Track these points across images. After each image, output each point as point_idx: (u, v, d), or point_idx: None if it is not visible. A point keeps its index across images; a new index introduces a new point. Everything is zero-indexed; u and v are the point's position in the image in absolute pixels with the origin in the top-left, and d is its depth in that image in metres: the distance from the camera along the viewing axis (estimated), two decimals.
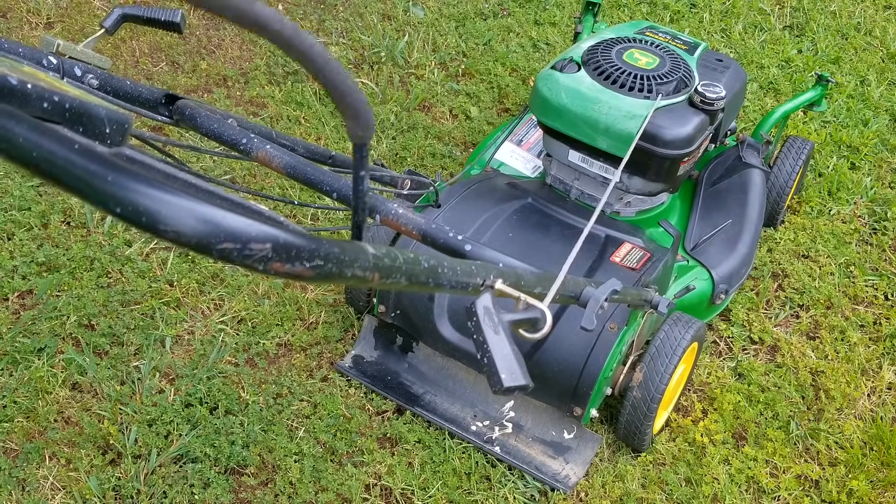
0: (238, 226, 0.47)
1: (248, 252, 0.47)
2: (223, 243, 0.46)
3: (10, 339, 2.29)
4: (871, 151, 3.21)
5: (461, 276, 0.82)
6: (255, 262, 0.48)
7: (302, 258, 0.51)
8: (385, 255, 0.63)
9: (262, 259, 0.48)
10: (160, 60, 3.41)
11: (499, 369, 0.77)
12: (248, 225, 0.47)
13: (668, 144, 2.15)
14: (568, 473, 2.10)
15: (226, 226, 0.46)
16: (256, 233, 0.48)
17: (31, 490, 2.00)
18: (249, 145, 1.39)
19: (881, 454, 2.22)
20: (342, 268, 0.56)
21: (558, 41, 3.66)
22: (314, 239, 0.52)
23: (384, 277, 0.63)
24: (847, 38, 3.84)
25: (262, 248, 0.48)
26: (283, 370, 2.31)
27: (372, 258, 0.60)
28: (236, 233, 0.47)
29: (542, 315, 0.88)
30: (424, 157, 3.04)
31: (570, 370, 1.99)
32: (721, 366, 2.42)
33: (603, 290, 1.29)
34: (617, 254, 2.23)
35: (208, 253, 0.46)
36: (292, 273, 0.51)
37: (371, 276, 0.61)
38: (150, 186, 0.44)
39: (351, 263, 0.57)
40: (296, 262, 0.51)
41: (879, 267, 2.76)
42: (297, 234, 0.51)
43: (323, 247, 0.53)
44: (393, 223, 1.37)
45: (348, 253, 0.56)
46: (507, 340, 0.79)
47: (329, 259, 0.54)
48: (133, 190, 0.44)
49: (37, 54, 1.22)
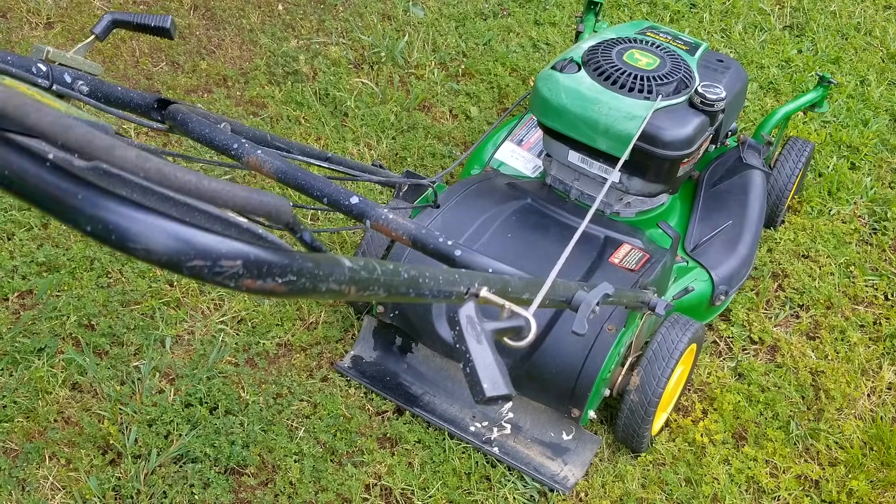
0: (208, 243, 0.46)
1: (219, 269, 0.47)
2: (193, 261, 0.46)
3: (10, 339, 2.30)
4: (871, 151, 3.21)
5: (443, 286, 0.81)
6: (225, 280, 0.47)
7: (273, 274, 0.51)
8: (362, 268, 0.62)
9: (233, 276, 0.48)
10: (160, 60, 3.41)
11: (481, 379, 0.77)
12: (219, 242, 0.47)
13: (667, 145, 2.15)
14: (566, 474, 2.10)
15: (195, 243, 0.46)
16: (227, 249, 0.47)
17: (31, 490, 2.00)
18: (240, 150, 1.39)
19: (881, 454, 2.22)
20: (316, 282, 0.55)
21: (558, 41, 3.66)
22: (287, 254, 0.52)
23: (361, 290, 0.62)
24: (847, 38, 3.84)
25: (233, 264, 0.47)
26: (283, 370, 2.31)
27: (348, 271, 0.60)
28: (206, 250, 0.46)
29: (526, 323, 0.87)
30: (424, 157, 3.04)
31: (568, 372, 1.99)
32: (721, 366, 2.42)
33: (595, 294, 1.28)
34: (616, 255, 2.23)
35: (178, 270, 0.46)
36: (264, 289, 0.50)
37: (347, 289, 0.60)
38: (120, 204, 0.44)
39: (325, 278, 0.56)
40: (267, 279, 0.50)
41: (879, 267, 2.76)
42: (270, 248, 0.50)
43: (296, 262, 0.52)
44: (383, 228, 1.37)
45: (323, 267, 0.56)
46: (490, 349, 0.79)
47: (302, 274, 0.53)
48: (103, 207, 0.44)
49: (26, 62, 1.21)
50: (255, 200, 0.47)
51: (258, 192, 0.47)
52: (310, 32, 3.63)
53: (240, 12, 3.71)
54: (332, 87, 3.29)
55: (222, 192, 0.45)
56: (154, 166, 0.43)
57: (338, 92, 3.27)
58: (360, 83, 3.35)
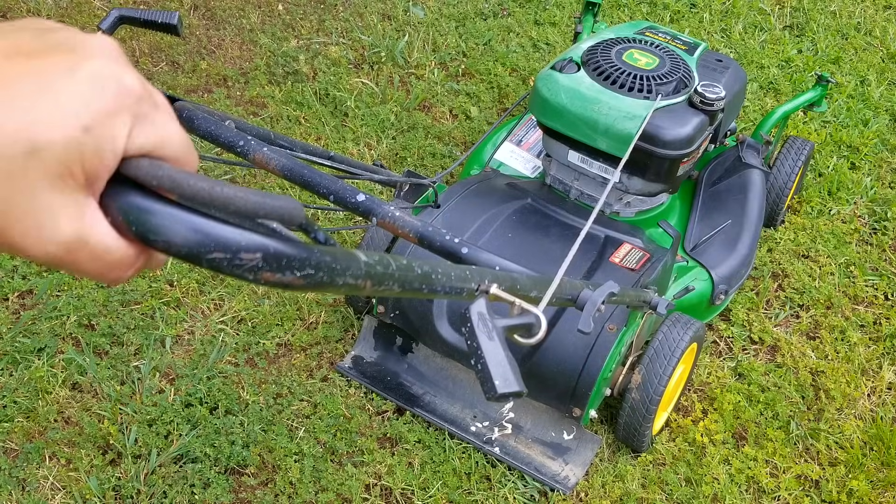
0: (228, 235, 0.46)
1: (238, 262, 0.47)
2: (213, 253, 0.46)
3: (10, 339, 2.30)
4: (871, 151, 3.21)
5: (455, 282, 0.81)
6: (245, 272, 0.48)
7: (292, 267, 0.51)
8: (377, 263, 0.62)
9: (253, 269, 0.48)
10: (160, 60, 3.41)
11: (493, 376, 0.77)
12: (239, 234, 0.47)
13: (667, 145, 2.15)
14: (567, 474, 2.10)
15: (215, 235, 0.46)
16: (247, 242, 0.47)
17: (31, 490, 2.00)
18: (247, 147, 1.39)
19: (881, 454, 2.22)
20: (333, 276, 0.55)
21: (558, 41, 3.66)
22: (305, 248, 0.52)
23: (377, 285, 0.63)
24: (847, 38, 3.84)
25: (253, 257, 0.48)
26: (283, 370, 2.31)
27: (364, 266, 0.60)
28: (226, 243, 0.46)
29: (536, 320, 0.87)
30: (424, 157, 3.04)
31: (569, 371, 1.99)
32: (721, 366, 2.42)
33: (600, 292, 1.28)
34: (616, 254, 2.23)
35: (198, 262, 0.46)
36: (283, 282, 0.50)
37: (363, 283, 0.60)
38: (140, 196, 0.44)
39: (343, 272, 0.57)
40: (286, 272, 0.50)
41: (879, 267, 2.76)
42: (288, 242, 0.50)
43: (314, 256, 0.53)
44: (389, 226, 1.37)
45: (340, 261, 0.56)
46: (502, 346, 0.79)
47: (320, 268, 0.53)
48: (122, 200, 0.45)
49: None
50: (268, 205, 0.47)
51: (270, 196, 0.48)
52: (310, 32, 3.63)
53: (240, 12, 3.71)
54: (332, 87, 3.29)
55: (235, 198, 0.45)
56: (166, 174, 0.44)
57: (338, 92, 3.27)
58: (360, 83, 3.35)
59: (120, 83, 0.42)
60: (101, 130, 0.41)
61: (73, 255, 0.43)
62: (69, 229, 0.42)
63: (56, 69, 0.41)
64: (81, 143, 0.41)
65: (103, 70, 0.42)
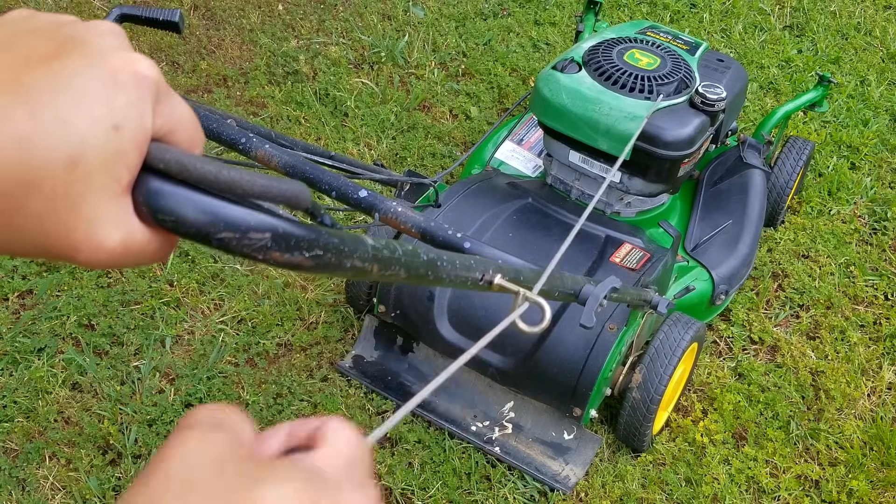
0: (237, 215, 0.46)
1: (248, 241, 0.47)
2: (222, 233, 0.46)
3: (10, 339, 2.30)
4: (871, 151, 3.21)
5: (460, 270, 0.82)
6: (254, 252, 0.48)
7: (301, 248, 0.51)
8: (384, 247, 0.63)
9: (261, 248, 0.48)
10: (160, 60, 3.41)
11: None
12: (248, 214, 0.47)
13: (668, 145, 2.15)
14: (568, 474, 2.10)
15: (224, 215, 0.46)
16: (256, 222, 0.47)
17: (31, 490, 2.00)
18: (248, 145, 1.39)
19: (881, 454, 2.22)
20: (341, 258, 0.55)
21: (558, 41, 3.66)
22: (314, 229, 0.52)
23: (383, 269, 0.63)
24: (847, 38, 3.84)
25: (262, 237, 0.48)
26: (283, 370, 2.31)
27: (371, 249, 0.60)
28: (235, 222, 0.46)
29: (541, 308, 0.89)
30: (424, 157, 3.04)
31: (570, 371, 1.99)
32: (721, 366, 2.42)
33: (602, 287, 1.30)
34: (617, 254, 2.23)
35: (207, 242, 0.46)
36: (291, 262, 0.50)
37: (370, 267, 0.60)
38: (150, 176, 0.44)
39: (350, 254, 0.56)
40: (295, 252, 0.50)
41: (879, 267, 2.76)
42: (296, 223, 0.50)
43: (323, 237, 0.53)
44: (392, 221, 1.37)
45: (348, 244, 0.56)
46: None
47: (329, 249, 0.53)
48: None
49: None
50: (275, 189, 0.47)
51: (277, 179, 0.48)
52: (310, 32, 3.63)
53: (240, 12, 3.71)
54: (332, 87, 3.29)
55: (241, 181, 0.46)
56: (173, 157, 0.44)
57: (338, 92, 3.27)
58: (360, 83, 3.35)
59: (136, 73, 0.42)
60: (128, 124, 0.41)
61: (121, 258, 0.43)
62: (117, 235, 0.42)
63: (72, 70, 0.40)
64: (114, 143, 0.40)
65: (117, 62, 0.42)
